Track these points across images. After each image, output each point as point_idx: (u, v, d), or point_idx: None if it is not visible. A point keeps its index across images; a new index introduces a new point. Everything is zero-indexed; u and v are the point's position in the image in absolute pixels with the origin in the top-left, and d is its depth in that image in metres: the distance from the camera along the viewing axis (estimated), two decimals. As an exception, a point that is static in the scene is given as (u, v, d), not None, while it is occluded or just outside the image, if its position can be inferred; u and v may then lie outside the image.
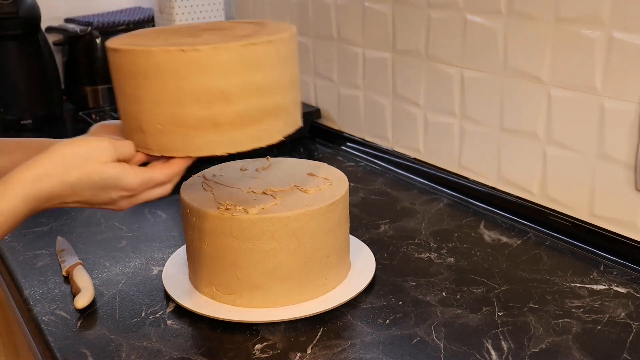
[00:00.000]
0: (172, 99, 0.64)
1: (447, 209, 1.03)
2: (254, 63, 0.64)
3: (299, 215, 0.72)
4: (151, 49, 0.63)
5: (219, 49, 0.62)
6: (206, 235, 0.74)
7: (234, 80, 0.64)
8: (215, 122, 0.64)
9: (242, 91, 0.64)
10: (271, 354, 0.69)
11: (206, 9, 1.51)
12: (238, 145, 0.66)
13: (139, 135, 0.67)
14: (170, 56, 0.62)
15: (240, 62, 0.64)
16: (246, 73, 0.64)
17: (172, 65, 0.63)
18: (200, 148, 0.66)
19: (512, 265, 0.85)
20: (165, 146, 0.66)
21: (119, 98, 0.69)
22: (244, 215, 0.72)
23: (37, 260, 0.89)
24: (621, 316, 0.74)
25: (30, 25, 1.46)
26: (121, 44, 0.66)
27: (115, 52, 0.66)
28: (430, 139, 1.13)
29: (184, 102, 0.63)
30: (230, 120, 0.65)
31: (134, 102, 0.66)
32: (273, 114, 0.67)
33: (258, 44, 0.64)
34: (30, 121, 1.48)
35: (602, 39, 0.82)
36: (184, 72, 0.63)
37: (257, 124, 0.66)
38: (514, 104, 0.96)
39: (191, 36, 0.69)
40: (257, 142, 0.67)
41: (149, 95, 0.64)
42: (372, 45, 1.19)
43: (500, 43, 0.96)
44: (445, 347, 0.69)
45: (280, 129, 0.69)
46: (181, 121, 0.64)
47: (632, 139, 0.82)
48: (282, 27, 0.71)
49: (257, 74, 0.65)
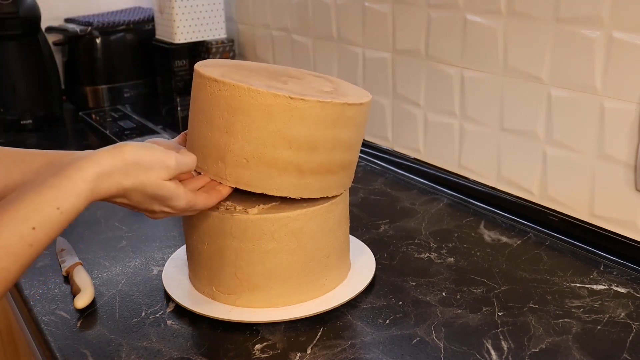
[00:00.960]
0: (267, 139, 0.68)
1: (447, 209, 1.03)
2: (345, 121, 0.70)
3: (298, 215, 0.72)
4: (260, 89, 0.66)
5: (323, 104, 0.67)
6: (206, 235, 0.74)
7: (326, 133, 0.69)
8: (298, 168, 0.69)
9: (329, 144, 0.70)
10: (271, 354, 0.69)
11: (206, 9, 1.51)
12: (310, 192, 0.72)
13: (218, 164, 0.70)
14: (277, 100, 0.66)
15: (336, 118, 0.69)
16: (336, 128, 0.69)
17: (277, 108, 0.66)
18: (276, 189, 0.70)
19: (512, 265, 0.85)
20: (244, 180, 0.70)
21: (202, 125, 0.71)
22: (244, 215, 0.72)
23: (37, 260, 0.89)
24: (621, 316, 0.74)
25: (30, 25, 1.46)
26: (221, 76, 0.69)
27: (215, 83, 0.69)
28: (430, 139, 1.13)
29: (278, 144, 0.68)
30: (312, 168, 0.70)
31: (224, 133, 0.69)
32: (344, 167, 0.74)
33: (353, 105, 0.70)
34: (30, 121, 1.49)
35: (602, 39, 0.82)
36: (287, 117, 0.67)
37: (331, 176, 0.72)
38: (514, 104, 0.96)
39: (277, 80, 0.73)
40: (326, 192, 0.74)
41: (243, 131, 0.68)
42: (372, 45, 1.19)
43: (500, 43, 0.96)
44: (445, 347, 0.69)
45: (345, 182, 0.76)
46: (269, 160, 0.68)
47: (632, 139, 0.82)
48: (360, 91, 0.77)
49: (344, 131, 0.71)
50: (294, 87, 0.72)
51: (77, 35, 1.58)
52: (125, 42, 1.63)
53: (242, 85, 0.67)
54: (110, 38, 1.60)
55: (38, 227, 0.56)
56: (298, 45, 1.39)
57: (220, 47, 1.54)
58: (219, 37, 1.55)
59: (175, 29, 1.49)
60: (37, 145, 1.40)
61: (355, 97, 0.73)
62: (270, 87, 0.68)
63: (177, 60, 1.54)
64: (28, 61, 1.49)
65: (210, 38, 1.54)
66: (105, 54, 1.60)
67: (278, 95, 0.66)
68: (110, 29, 1.60)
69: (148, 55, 1.64)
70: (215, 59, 0.80)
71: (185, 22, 1.49)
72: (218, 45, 1.54)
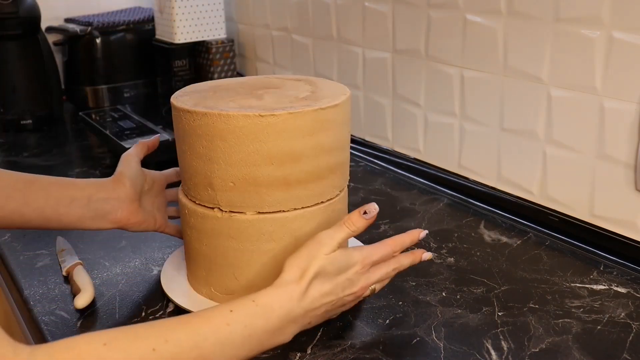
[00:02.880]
0: (247, 159, 0.68)
1: (447, 209, 1.03)
2: (322, 125, 0.70)
3: (297, 216, 0.72)
4: (230, 112, 0.67)
5: (294, 115, 0.67)
6: (204, 236, 0.74)
7: (305, 142, 0.69)
8: (286, 181, 0.70)
9: (311, 152, 0.70)
10: (271, 354, 0.69)
11: (206, 9, 1.51)
12: (303, 202, 0.72)
13: (208, 191, 0.71)
14: (249, 120, 0.67)
15: (312, 125, 0.69)
16: (315, 135, 0.69)
17: (250, 128, 0.67)
18: (269, 204, 0.71)
19: (512, 265, 0.85)
20: (236, 203, 0.71)
21: (186, 155, 0.73)
22: (243, 215, 0.72)
23: (37, 260, 0.89)
24: (621, 316, 0.74)
25: (30, 25, 1.46)
26: (193, 105, 0.70)
27: (189, 114, 0.70)
28: (430, 139, 1.13)
29: (259, 162, 0.69)
30: (299, 178, 0.70)
31: (207, 161, 0.70)
32: (334, 170, 0.73)
33: (327, 109, 0.70)
34: (30, 121, 1.49)
35: (602, 39, 0.82)
36: (262, 135, 0.67)
37: (321, 181, 0.72)
38: (514, 104, 0.96)
39: (252, 96, 0.74)
40: (319, 198, 0.74)
41: (224, 156, 0.69)
42: (372, 45, 1.19)
43: (500, 43, 0.96)
44: (445, 347, 0.69)
45: (338, 184, 0.75)
46: (254, 180, 0.69)
47: (632, 139, 0.82)
48: (338, 89, 0.76)
49: (324, 135, 0.70)
50: (269, 100, 0.72)
51: (77, 35, 1.58)
52: (125, 42, 1.63)
53: (213, 112, 0.68)
54: (110, 38, 1.60)
55: None
56: (298, 45, 1.39)
57: (220, 47, 1.54)
58: (219, 37, 1.55)
59: (175, 29, 1.49)
60: (37, 145, 1.40)
61: (330, 98, 0.72)
62: (241, 108, 0.68)
63: (177, 60, 1.54)
64: (28, 61, 1.49)
65: (210, 38, 1.54)
66: (105, 54, 1.60)
67: (248, 115, 0.67)
68: (110, 29, 1.60)
69: (148, 55, 1.63)
70: (194, 84, 0.80)
71: (185, 22, 1.49)
72: (218, 45, 1.54)
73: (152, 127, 1.43)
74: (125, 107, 1.61)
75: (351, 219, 0.68)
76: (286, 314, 0.62)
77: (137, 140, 1.33)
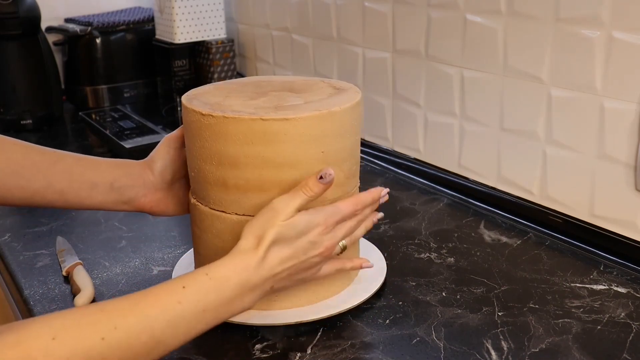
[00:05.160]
0: (199, 154, 0.71)
1: (447, 209, 1.03)
2: (271, 137, 0.69)
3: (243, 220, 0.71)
4: (192, 108, 0.70)
5: (229, 120, 0.68)
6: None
7: (244, 149, 0.69)
8: (223, 183, 0.70)
9: (252, 161, 0.69)
10: (271, 354, 0.69)
11: (206, 9, 1.51)
12: (244, 209, 0.71)
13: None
14: (195, 117, 0.70)
15: (252, 134, 0.68)
16: (258, 145, 0.69)
17: (195, 125, 0.70)
18: (212, 202, 0.72)
19: (512, 265, 0.85)
20: (200, 194, 0.74)
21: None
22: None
23: (37, 260, 0.89)
24: (621, 316, 0.74)
25: (30, 25, 1.46)
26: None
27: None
28: (430, 139, 1.13)
29: (205, 159, 0.70)
30: (237, 184, 0.70)
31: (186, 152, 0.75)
32: (284, 187, 0.70)
33: (273, 121, 0.68)
34: (30, 121, 1.48)
35: (602, 39, 0.82)
36: (207, 134, 0.69)
37: (264, 194, 0.69)
38: (514, 104, 0.96)
39: (258, 96, 0.75)
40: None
41: (190, 148, 0.73)
42: (372, 45, 1.19)
43: (500, 43, 0.96)
44: (445, 347, 0.69)
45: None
46: (204, 176, 0.72)
47: (632, 139, 0.82)
48: (326, 105, 0.71)
49: (271, 148, 0.69)
50: (264, 102, 0.71)
51: (77, 35, 1.58)
52: (125, 42, 1.63)
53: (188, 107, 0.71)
54: (110, 38, 1.60)
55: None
56: (298, 45, 1.39)
57: (220, 47, 1.54)
58: (219, 37, 1.55)
59: (175, 29, 1.49)
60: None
61: (293, 111, 0.68)
62: (205, 105, 0.71)
63: (177, 60, 1.54)
64: (28, 61, 1.49)
65: (210, 38, 1.54)
66: (105, 54, 1.60)
67: (195, 111, 0.70)
68: (110, 29, 1.60)
69: (148, 55, 1.63)
70: (208, 84, 0.81)
71: (185, 22, 1.49)
72: (218, 45, 1.54)
73: (152, 127, 1.43)
74: (125, 107, 1.61)
75: (308, 184, 0.67)
76: (243, 283, 0.62)
77: (137, 140, 1.33)
